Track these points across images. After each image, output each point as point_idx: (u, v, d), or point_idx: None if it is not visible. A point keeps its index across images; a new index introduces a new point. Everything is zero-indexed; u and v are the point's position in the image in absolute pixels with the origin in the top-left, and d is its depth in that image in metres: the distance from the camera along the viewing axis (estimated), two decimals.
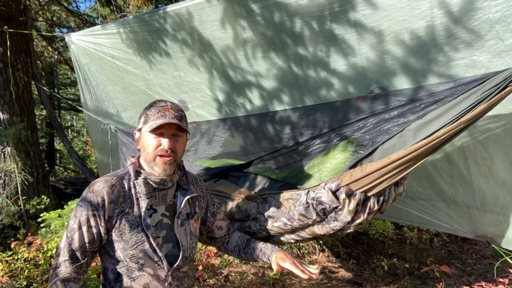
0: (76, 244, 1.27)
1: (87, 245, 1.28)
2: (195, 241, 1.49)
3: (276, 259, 1.44)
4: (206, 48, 2.30)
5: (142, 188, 1.33)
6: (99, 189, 1.28)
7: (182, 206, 1.41)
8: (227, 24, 2.09)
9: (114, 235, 1.31)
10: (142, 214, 1.32)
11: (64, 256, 1.27)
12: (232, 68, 2.33)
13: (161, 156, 1.31)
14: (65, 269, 1.26)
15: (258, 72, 2.25)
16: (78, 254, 1.27)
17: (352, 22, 1.76)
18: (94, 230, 1.28)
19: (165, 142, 1.30)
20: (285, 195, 1.82)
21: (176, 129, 1.33)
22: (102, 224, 1.28)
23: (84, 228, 1.27)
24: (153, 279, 1.34)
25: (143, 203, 1.33)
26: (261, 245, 1.55)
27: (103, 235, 1.30)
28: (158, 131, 1.30)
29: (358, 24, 1.75)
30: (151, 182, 1.34)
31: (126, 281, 1.33)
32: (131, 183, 1.34)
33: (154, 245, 1.32)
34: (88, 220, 1.27)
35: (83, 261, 1.28)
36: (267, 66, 2.18)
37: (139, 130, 1.36)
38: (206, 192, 1.59)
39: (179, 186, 1.46)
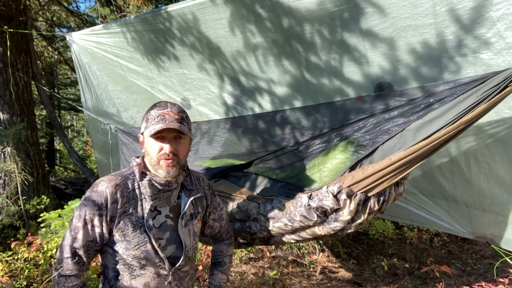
0: (79, 242, 1.28)
1: (90, 243, 1.30)
2: (197, 241, 1.51)
3: None
4: (213, 50, 2.30)
5: (147, 190, 1.34)
6: (102, 189, 1.29)
7: (186, 207, 1.42)
8: (235, 28, 2.09)
9: (117, 235, 1.31)
10: (145, 215, 1.33)
11: (66, 253, 1.29)
12: (237, 69, 2.33)
13: (164, 159, 1.32)
14: (67, 266, 1.28)
15: (261, 74, 2.26)
16: (80, 252, 1.29)
17: (360, 28, 1.76)
18: (97, 230, 1.29)
19: (166, 147, 1.31)
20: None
21: (177, 132, 1.33)
22: (105, 224, 1.29)
23: (88, 227, 1.28)
24: (154, 278, 1.36)
25: (147, 205, 1.34)
26: (213, 276, 1.64)
27: (105, 235, 1.31)
28: (159, 135, 1.30)
29: (366, 30, 1.75)
30: (156, 184, 1.35)
31: (126, 279, 1.34)
32: (136, 183, 1.35)
33: (156, 246, 1.33)
34: (92, 220, 1.28)
35: (85, 259, 1.30)
36: (278, 72, 2.18)
37: (142, 134, 1.37)
38: (209, 192, 1.61)
39: (183, 186, 1.47)
